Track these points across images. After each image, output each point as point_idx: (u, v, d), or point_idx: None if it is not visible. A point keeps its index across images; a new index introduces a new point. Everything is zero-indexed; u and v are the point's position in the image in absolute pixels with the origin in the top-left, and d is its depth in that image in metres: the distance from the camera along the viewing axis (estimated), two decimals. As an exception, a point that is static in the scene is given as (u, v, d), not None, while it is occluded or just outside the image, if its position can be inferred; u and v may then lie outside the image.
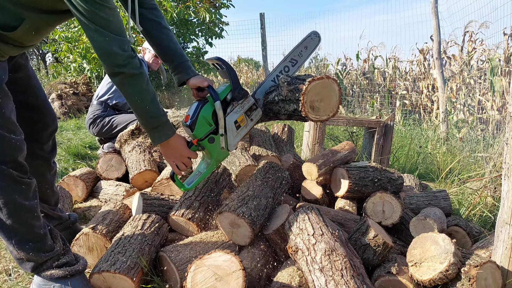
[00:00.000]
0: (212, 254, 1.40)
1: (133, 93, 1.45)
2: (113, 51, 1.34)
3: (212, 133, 1.71)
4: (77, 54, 6.90)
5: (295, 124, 5.66)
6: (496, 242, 1.54)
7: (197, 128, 1.68)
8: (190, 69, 1.80)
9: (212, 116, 1.69)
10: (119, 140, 3.08)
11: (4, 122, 1.37)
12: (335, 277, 1.33)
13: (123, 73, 1.39)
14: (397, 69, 8.42)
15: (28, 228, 1.43)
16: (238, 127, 1.75)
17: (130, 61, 1.39)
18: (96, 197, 2.64)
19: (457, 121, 6.29)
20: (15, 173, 1.38)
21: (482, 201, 2.73)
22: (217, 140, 1.72)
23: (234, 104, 1.74)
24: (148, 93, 1.47)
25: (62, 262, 1.50)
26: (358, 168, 2.26)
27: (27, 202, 1.41)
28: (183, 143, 1.66)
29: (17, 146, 1.39)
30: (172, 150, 1.64)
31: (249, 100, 1.78)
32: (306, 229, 1.50)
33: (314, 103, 1.67)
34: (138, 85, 1.44)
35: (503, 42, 6.44)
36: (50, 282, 1.47)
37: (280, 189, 1.96)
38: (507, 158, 1.46)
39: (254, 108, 1.81)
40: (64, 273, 1.47)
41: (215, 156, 1.76)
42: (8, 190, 1.37)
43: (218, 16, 7.33)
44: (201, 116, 1.68)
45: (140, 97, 1.46)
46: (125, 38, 1.39)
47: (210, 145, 1.73)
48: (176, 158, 1.67)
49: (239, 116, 1.75)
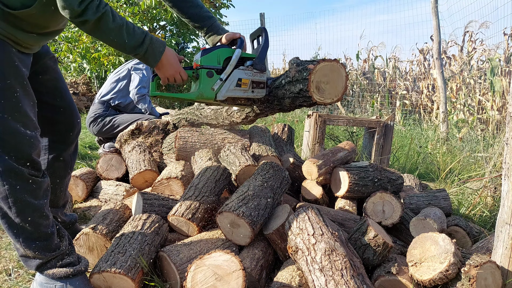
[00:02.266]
0: (212, 254, 1.40)
1: (105, 35, 1.40)
2: (66, 3, 1.28)
3: (215, 70, 1.76)
4: (77, 54, 6.90)
5: (295, 124, 5.66)
6: (496, 242, 1.54)
7: (206, 57, 1.74)
8: (220, 28, 1.90)
9: (225, 59, 1.77)
10: (119, 140, 3.08)
11: (19, 116, 1.37)
12: (335, 277, 1.33)
13: (87, 21, 1.33)
14: (397, 69, 8.42)
15: (36, 227, 1.42)
16: (238, 86, 1.79)
17: (89, 6, 1.32)
18: (96, 197, 2.64)
19: (457, 121, 6.30)
20: (27, 170, 1.38)
21: (482, 201, 2.73)
22: (214, 78, 1.76)
23: (248, 68, 1.80)
24: (118, 28, 1.41)
25: (66, 262, 1.50)
26: (358, 168, 2.26)
27: (35, 201, 1.41)
28: (176, 57, 1.66)
29: (30, 142, 1.39)
30: (168, 65, 1.61)
31: (262, 75, 1.84)
32: (306, 229, 1.50)
33: (321, 84, 1.67)
34: (105, 26, 1.37)
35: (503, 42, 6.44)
36: (52, 281, 1.48)
37: (280, 189, 1.96)
38: (507, 158, 1.46)
39: (262, 87, 1.86)
40: (67, 273, 1.47)
41: (201, 89, 1.76)
42: (17, 189, 1.37)
43: (218, 16, 7.33)
44: (216, 51, 1.76)
45: (115, 35, 1.41)
46: None
47: (205, 77, 1.75)
48: (170, 75, 1.65)
49: (246, 78, 1.80)
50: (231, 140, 2.68)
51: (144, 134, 3.05)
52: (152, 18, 6.87)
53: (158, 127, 3.06)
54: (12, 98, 1.34)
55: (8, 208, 1.37)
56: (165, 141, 2.93)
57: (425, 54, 7.81)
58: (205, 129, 2.75)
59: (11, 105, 1.34)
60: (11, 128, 1.34)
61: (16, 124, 1.35)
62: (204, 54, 1.75)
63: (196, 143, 2.64)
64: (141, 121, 3.20)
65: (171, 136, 2.88)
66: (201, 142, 2.65)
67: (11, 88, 1.33)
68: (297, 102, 1.78)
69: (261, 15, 7.94)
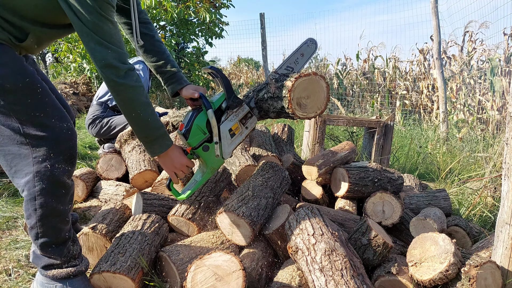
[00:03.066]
0: (212, 254, 1.40)
1: (134, 106, 1.45)
2: (114, 63, 1.36)
3: (206, 141, 1.72)
4: (77, 54, 6.90)
5: (295, 124, 5.66)
6: (496, 242, 1.54)
7: (191, 137, 1.69)
8: (183, 79, 1.83)
9: (206, 124, 1.71)
10: (119, 140, 3.08)
11: (51, 110, 1.37)
12: (335, 277, 1.33)
13: (124, 84, 1.39)
14: (397, 69, 8.42)
15: (57, 232, 1.44)
16: (233, 135, 1.76)
17: (130, 73, 1.40)
18: (96, 197, 2.64)
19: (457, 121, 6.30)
20: (67, 169, 1.40)
21: (482, 201, 2.73)
22: (211, 148, 1.73)
23: (229, 113, 1.75)
24: (148, 105, 1.48)
25: (71, 264, 1.50)
26: (358, 168, 2.26)
27: (62, 206, 1.42)
28: (181, 151, 1.67)
29: (68, 135, 1.40)
30: (170, 160, 1.64)
31: (243, 108, 1.79)
32: (306, 229, 1.50)
33: (301, 100, 1.65)
34: (139, 97, 1.44)
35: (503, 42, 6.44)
36: (53, 281, 1.48)
37: (280, 189, 1.96)
38: (507, 158, 1.46)
39: (249, 116, 1.82)
40: (68, 274, 1.48)
41: (210, 164, 1.76)
42: (47, 192, 1.37)
43: (218, 16, 7.32)
44: (195, 125, 1.69)
45: (141, 110, 1.46)
46: (124, 52, 1.40)
47: (204, 153, 1.73)
48: (175, 168, 1.67)
49: (233, 124, 1.76)
50: (231, 140, 2.67)
51: (144, 134, 3.05)
52: (152, 18, 6.86)
53: (158, 127, 3.05)
54: (37, 94, 1.35)
55: (33, 210, 1.38)
56: (165, 141, 2.93)
57: (425, 54, 7.81)
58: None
59: (39, 101, 1.35)
60: (47, 125, 1.35)
61: (51, 120, 1.36)
62: (187, 134, 1.69)
63: (196, 143, 2.64)
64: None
65: (171, 136, 2.88)
66: (201, 142, 2.65)
67: (33, 84, 1.35)
68: (282, 116, 1.77)
69: (261, 15, 7.93)
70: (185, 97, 1.82)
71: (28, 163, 1.35)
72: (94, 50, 1.34)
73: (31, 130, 1.33)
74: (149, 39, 1.77)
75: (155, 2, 6.36)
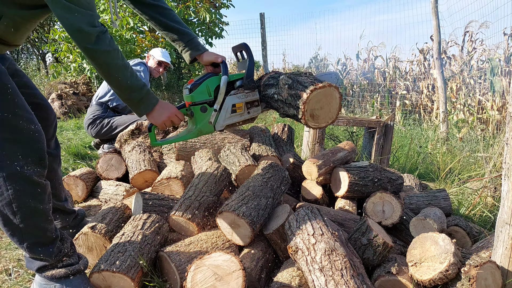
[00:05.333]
0: (212, 254, 1.40)
1: (111, 70, 1.41)
2: (84, 28, 1.30)
3: (207, 103, 1.73)
4: (77, 54, 6.90)
5: (295, 124, 5.66)
6: (496, 242, 1.54)
7: (196, 92, 1.70)
8: (201, 45, 1.82)
9: (215, 89, 1.72)
10: (119, 140, 3.08)
11: (20, 112, 1.33)
12: (335, 277, 1.33)
13: (97, 50, 1.34)
14: (397, 69, 8.42)
15: (41, 232, 1.42)
16: (234, 112, 1.77)
17: (102, 36, 1.34)
18: (96, 197, 2.64)
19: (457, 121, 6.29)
20: (37, 171, 1.36)
21: (482, 201, 2.73)
22: (208, 111, 1.73)
23: (240, 90, 1.77)
24: (126, 67, 1.44)
25: (66, 263, 1.50)
26: (358, 168, 2.26)
27: (41, 205, 1.40)
28: (169, 104, 1.66)
29: (36, 137, 1.37)
30: (159, 114, 1.62)
31: (254, 94, 1.81)
32: (306, 229, 1.50)
33: (315, 111, 1.63)
34: (115, 61, 1.39)
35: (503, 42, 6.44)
36: (51, 282, 1.47)
37: (280, 189, 1.96)
38: (507, 158, 1.46)
39: (256, 105, 1.83)
40: (66, 273, 1.47)
41: (200, 126, 1.75)
42: (22, 194, 1.34)
43: (218, 16, 7.33)
44: (205, 83, 1.71)
45: (119, 73, 1.42)
46: (94, 13, 1.34)
47: (200, 114, 1.73)
48: (165, 120, 1.64)
49: (239, 102, 1.77)
50: (231, 140, 2.67)
51: (144, 134, 3.05)
52: (152, 18, 6.86)
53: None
54: (7, 95, 1.32)
55: (12, 214, 1.34)
56: (165, 141, 2.93)
57: (425, 54, 7.81)
58: (205, 129, 2.74)
59: (8, 102, 1.31)
60: (15, 127, 1.32)
61: (19, 121, 1.33)
62: (194, 88, 1.71)
63: (196, 143, 2.64)
64: (141, 121, 3.20)
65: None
66: (201, 142, 2.65)
67: (2, 85, 1.32)
68: (290, 118, 1.76)
69: (261, 15, 7.93)
70: (206, 63, 1.82)
71: None
72: (61, 17, 1.29)
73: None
74: (157, 9, 1.75)
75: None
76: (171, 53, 6.77)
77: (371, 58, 8.82)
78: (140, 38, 6.90)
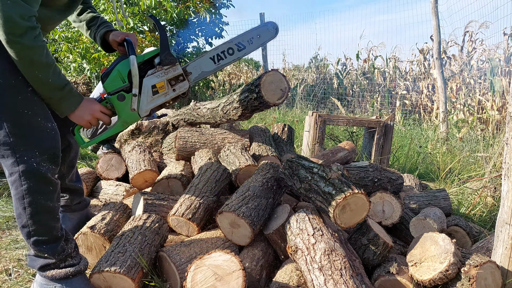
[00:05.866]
0: (212, 254, 1.40)
1: (31, 67, 1.34)
2: (12, 17, 1.24)
3: (124, 91, 1.61)
4: (77, 54, 6.89)
5: (295, 124, 5.66)
6: (496, 242, 1.54)
7: (109, 81, 1.59)
8: (107, 24, 1.75)
9: (128, 73, 1.60)
10: (119, 140, 3.08)
11: (38, 109, 1.39)
12: (334, 276, 1.33)
13: (20, 43, 1.28)
14: (397, 69, 8.42)
15: (48, 230, 1.45)
16: (156, 93, 1.66)
17: (30, 31, 1.28)
18: (96, 197, 2.64)
19: (457, 121, 6.30)
20: (51, 168, 1.41)
21: (482, 201, 2.73)
22: (127, 99, 1.62)
23: (158, 68, 1.65)
24: (48, 66, 1.37)
25: (68, 264, 1.50)
26: (358, 168, 2.26)
27: (51, 203, 1.43)
28: (93, 101, 1.58)
29: (52, 135, 1.42)
30: (82, 113, 1.54)
31: (175, 68, 1.68)
32: (306, 229, 1.50)
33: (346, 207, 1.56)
34: (37, 58, 1.33)
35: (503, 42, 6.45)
36: (52, 282, 1.48)
37: (280, 189, 1.96)
38: (507, 158, 1.46)
39: (181, 80, 1.71)
40: (66, 274, 1.48)
41: (123, 117, 1.65)
42: (35, 190, 1.38)
43: (218, 16, 7.33)
44: (116, 69, 1.59)
45: (40, 71, 1.35)
46: (30, 6, 1.28)
47: (119, 103, 1.62)
48: (89, 119, 1.57)
49: (159, 82, 1.65)
50: (231, 140, 2.67)
51: (144, 134, 3.05)
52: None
53: (158, 127, 3.06)
54: (27, 92, 1.37)
55: (23, 209, 1.39)
56: (165, 141, 2.93)
57: (425, 54, 7.81)
58: (205, 129, 2.75)
59: (27, 100, 1.37)
60: (33, 123, 1.37)
61: (37, 118, 1.38)
62: (105, 77, 1.59)
63: (196, 143, 2.64)
64: (141, 121, 3.20)
65: (171, 136, 2.88)
66: (201, 142, 2.65)
67: (23, 83, 1.37)
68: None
69: (261, 15, 7.94)
70: (112, 43, 1.73)
71: (13, 162, 1.36)
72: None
73: (16, 129, 1.34)
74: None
75: (155, 2, 6.37)
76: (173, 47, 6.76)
77: (371, 58, 8.82)
78: (140, 38, 6.90)
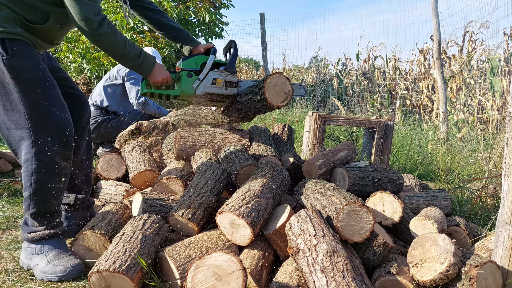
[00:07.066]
0: (212, 254, 1.40)
1: (116, 48, 1.75)
2: (89, 17, 1.63)
3: (193, 72, 2.19)
4: (77, 54, 6.90)
5: (295, 124, 5.66)
6: (496, 242, 1.54)
7: (188, 62, 2.21)
8: (194, 40, 2.29)
9: (202, 63, 2.22)
10: (119, 140, 3.07)
11: (55, 101, 1.66)
12: (336, 278, 1.33)
13: (100, 34, 1.66)
14: (397, 69, 8.42)
15: (46, 205, 1.69)
16: (213, 84, 2.23)
17: (102, 22, 1.67)
18: (96, 197, 2.64)
19: (457, 121, 6.30)
20: (61, 152, 1.65)
21: (482, 201, 2.73)
22: (193, 78, 2.19)
23: (222, 71, 2.26)
24: (124, 42, 1.77)
25: (48, 229, 1.75)
26: (358, 168, 2.26)
27: (54, 184, 1.67)
28: (164, 68, 2.04)
29: (65, 124, 1.66)
30: (157, 73, 2.00)
31: (233, 77, 2.28)
32: (307, 230, 1.50)
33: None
34: (116, 38, 1.74)
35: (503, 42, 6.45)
36: (32, 244, 1.72)
37: (280, 189, 1.95)
38: (507, 158, 1.46)
39: (234, 86, 2.29)
40: (42, 235, 1.71)
41: (183, 87, 2.17)
42: (43, 170, 1.62)
43: (218, 16, 7.33)
44: (194, 58, 2.23)
45: (122, 48, 1.77)
46: (96, 4, 1.67)
47: (186, 78, 2.18)
48: (160, 80, 2.03)
49: (220, 78, 2.24)
50: (231, 140, 2.67)
51: (144, 134, 3.05)
52: (152, 18, 6.86)
53: (158, 127, 3.06)
54: (45, 86, 1.64)
55: (29, 184, 1.63)
56: (165, 141, 2.93)
57: (425, 54, 7.81)
58: (205, 129, 2.75)
59: (45, 92, 1.63)
60: (50, 113, 1.62)
61: (53, 109, 1.63)
62: (184, 59, 2.21)
63: (196, 143, 2.64)
64: (141, 121, 3.20)
65: (171, 136, 2.87)
66: (201, 142, 2.65)
67: (44, 78, 1.64)
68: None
69: (261, 15, 7.94)
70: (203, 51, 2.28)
71: (28, 144, 1.61)
72: (72, 7, 1.62)
73: (34, 116, 1.59)
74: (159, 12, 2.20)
75: (155, 2, 6.36)
76: (171, 53, 6.77)
77: (371, 58, 8.82)
78: (140, 38, 6.90)
